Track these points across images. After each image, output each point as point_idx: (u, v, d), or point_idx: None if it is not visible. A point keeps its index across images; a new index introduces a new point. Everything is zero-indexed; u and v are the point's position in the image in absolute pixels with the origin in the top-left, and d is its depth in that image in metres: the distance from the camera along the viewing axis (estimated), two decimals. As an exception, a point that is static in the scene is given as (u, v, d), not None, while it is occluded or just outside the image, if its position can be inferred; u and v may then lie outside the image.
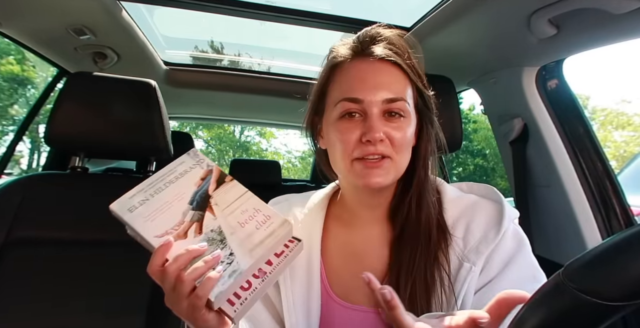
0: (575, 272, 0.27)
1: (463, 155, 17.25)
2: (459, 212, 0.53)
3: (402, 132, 0.50)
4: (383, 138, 0.49)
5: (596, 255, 0.27)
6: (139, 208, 0.44)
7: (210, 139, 16.56)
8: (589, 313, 0.25)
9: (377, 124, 0.49)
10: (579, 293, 0.25)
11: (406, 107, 0.51)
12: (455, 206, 0.54)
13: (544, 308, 0.28)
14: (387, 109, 0.50)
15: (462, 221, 0.52)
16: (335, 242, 0.58)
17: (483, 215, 0.52)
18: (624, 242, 0.26)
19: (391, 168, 0.51)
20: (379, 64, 0.51)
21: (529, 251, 0.50)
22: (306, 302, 0.54)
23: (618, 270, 0.25)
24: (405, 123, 0.51)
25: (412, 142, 0.53)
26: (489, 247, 0.48)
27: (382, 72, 0.51)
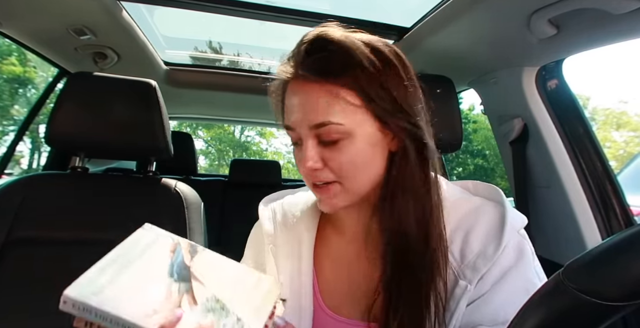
0: (575, 272, 0.27)
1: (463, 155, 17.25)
2: (459, 220, 0.48)
3: (342, 156, 0.45)
4: (318, 166, 0.46)
5: (596, 255, 0.27)
6: (107, 289, 0.36)
7: (210, 139, 16.55)
8: (589, 313, 0.25)
9: (308, 154, 0.45)
10: (578, 293, 0.25)
11: (339, 129, 0.44)
12: (455, 212, 0.48)
13: (544, 309, 0.28)
14: (317, 134, 0.45)
15: (461, 231, 0.47)
16: (329, 250, 0.55)
17: (484, 224, 0.46)
18: (624, 242, 0.26)
19: (340, 194, 0.47)
20: (310, 84, 0.44)
21: (528, 264, 0.45)
22: (297, 314, 0.51)
23: (618, 270, 0.25)
24: (345, 145, 0.44)
25: (370, 157, 0.46)
26: (487, 264, 0.44)
27: (309, 94, 0.44)
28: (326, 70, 0.44)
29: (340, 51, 0.44)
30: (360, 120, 0.45)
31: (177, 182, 1.01)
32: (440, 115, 1.02)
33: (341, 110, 0.44)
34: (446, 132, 0.99)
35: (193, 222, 0.94)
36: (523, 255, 0.45)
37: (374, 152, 0.46)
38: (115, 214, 0.93)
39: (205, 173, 2.42)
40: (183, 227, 0.92)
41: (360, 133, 0.45)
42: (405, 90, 0.46)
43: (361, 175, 0.46)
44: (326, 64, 0.44)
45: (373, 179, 0.47)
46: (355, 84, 0.44)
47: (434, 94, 0.51)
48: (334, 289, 0.53)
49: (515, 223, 0.47)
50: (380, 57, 0.45)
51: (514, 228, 0.46)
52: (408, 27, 1.16)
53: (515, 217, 0.47)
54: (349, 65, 0.43)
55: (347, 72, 0.43)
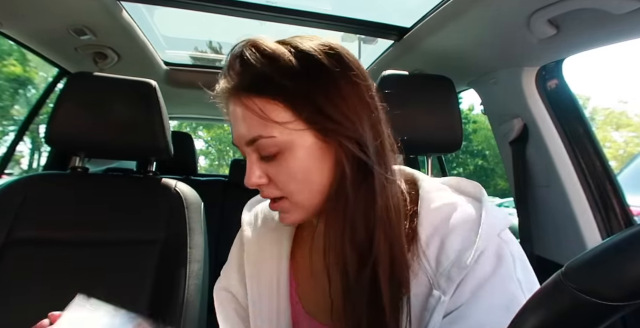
0: (574, 272, 0.27)
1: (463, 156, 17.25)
2: (436, 224, 0.44)
3: (282, 170, 0.44)
4: (262, 182, 0.45)
5: (596, 255, 0.27)
6: None
7: (211, 139, 16.55)
8: (589, 313, 0.25)
9: (249, 170, 0.45)
10: (578, 293, 0.25)
11: (272, 143, 0.42)
12: (433, 215, 0.44)
13: (544, 309, 0.28)
14: (256, 149, 0.44)
15: (437, 236, 0.43)
16: (305, 254, 0.54)
17: (461, 228, 0.43)
18: (623, 242, 0.26)
19: (291, 209, 0.46)
20: (240, 98, 0.43)
21: (508, 273, 0.40)
22: (275, 317, 0.51)
23: (618, 270, 0.25)
24: (283, 159, 0.43)
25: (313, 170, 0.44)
26: (462, 273, 0.40)
27: (238, 110, 0.44)
28: (253, 83, 0.43)
29: (268, 62, 0.42)
30: (296, 132, 0.42)
31: (177, 182, 1.01)
32: (440, 115, 1.02)
33: (272, 124, 0.42)
34: (446, 132, 1.00)
35: (193, 222, 0.94)
36: (502, 263, 0.41)
37: (316, 164, 0.44)
38: (115, 214, 0.93)
39: (205, 173, 2.42)
40: (183, 227, 0.93)
41: (299, 145, 0.43)
42: (344, 97, 0.43)
43: (306, 188, 0.44)
44: (252, 76, 0.43)
45: (321, 191, 0.44)
46: (283, 96, 0.42)
47: (433, 94, 0.50)
48: (311, 294, 0.52)
49: (496, 226, 0.43)
50: (312, 65, 0.43)
51: (492, 232, 0.42)
52: (408, 27, 1.16)
53: (496, 219, 0.43)
54: (274, 77, 0.42)
55: (274, 85, 0.42)
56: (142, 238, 0.91)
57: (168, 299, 0.83)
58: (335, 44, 0.45)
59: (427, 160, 1.12)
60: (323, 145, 0.43)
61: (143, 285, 0.86)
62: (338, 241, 0.43)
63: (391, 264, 0.42)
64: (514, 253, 0.42)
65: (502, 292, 0.39)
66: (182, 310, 0.82)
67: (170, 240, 0.91)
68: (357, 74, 0.45)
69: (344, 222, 0.43)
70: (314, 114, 0.42)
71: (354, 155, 0.43)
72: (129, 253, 0.89)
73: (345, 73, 0.44)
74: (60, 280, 0.84)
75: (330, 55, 0.44)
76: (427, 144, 1.01)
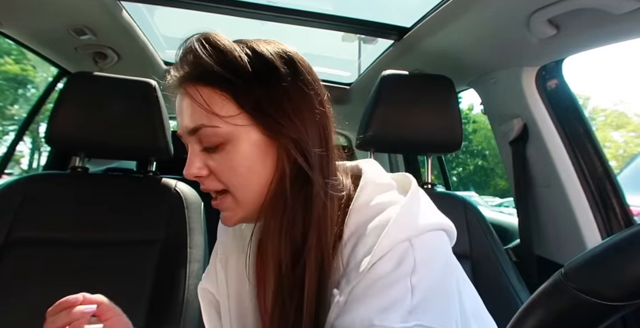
0: (574, 272, 0.27)
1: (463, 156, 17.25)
2: (358, 225, 0.43)
3: (224, 162, 0.43)
4: (201, 173, 0.44)
5: (596, 255, 0.27)
6: None
7: (210, 138, 16.53)
8: (589, 313, 0.25)
9: (189, 160, 0.44)
10: (578, 293, 0.25)
11: (215, 133, 0.42)
12: (358, 216, 0.43)
13: (544, 308, 0.28)
14: (198, 140, 0.44)
15: (354, 238, 0.42)
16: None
17: (376, 230, 0.41)
18: (623, 242, 0.26)
19: (233, 206, 0.45)
20: (186, 87, 0.44)
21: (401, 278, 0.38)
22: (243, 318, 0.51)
23: (618, 270, 0.25)
24: (225, 150, 0.43)
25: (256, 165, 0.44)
26: (358, 277, 0.39)
27: (184, 99, 0.44)
28: (201, 74, 0.43)
29: (217, 55, 0.43)
30: (242, 125, 0.43)
31: (177, 182, 1.01)
32: (440, 115, 1.02)
33: (217, 115, 0.42)
34: (446, 132, 1.00)
35: (193, 221, 0.94)
36: (400, 266, 0.38)
37: (259, 160, 0.44)
38: (115, 214, 0.93)
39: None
40: (183, 227, 0.93)
41: (244, 138, 0.43)
42: (288, 100, 0.43)
43: (249, 183, 0.44)
44: (200, 67, 0.43)
45: (262, 188, 0.44)
46: (231, 89, 0.42)
47: (433, 94, 0.50)
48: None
49: (407, 230, 0.40)
50: (262, 64, 0.43)
51: (399, 237, 0.39)
52: (408, 27, 1.16)
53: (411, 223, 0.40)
54: (223, 68, 0.42)
55: (219, 77, 0.42)
56: (142, 238, 0.91)
57: (168, 299, 0.83)
58: (291, 50, 0.47)
59: (427, 160, 1.12)
60: (268, 142, 0.44)
61: (143, 285, 0.86)
62: (275, 240, 0.43)
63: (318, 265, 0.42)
64: (417, 260, 0.39)
65: (387, 293, 0.38)
66: (182, 310, 0.82)
67: (170, 240, 0.91)
68: (306, 80, 0.45)
69: (282, 223, 0.43)
70: (256, 110, 0.43)
71: (293, 156, 0.43)
72: (129, 253, 0.89)
73: (295, 78, 0.44)
74: (60, 280, 0.84)
75: (283, 59, 0.45)
76: (427, 144, 1.01)
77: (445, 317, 0.39)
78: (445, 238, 0.43)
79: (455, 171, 17.86)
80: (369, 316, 0.36)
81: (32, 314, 0.83)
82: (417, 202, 0.44)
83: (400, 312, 0.36)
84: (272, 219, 0.44)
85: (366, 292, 0.38)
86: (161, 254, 0.89)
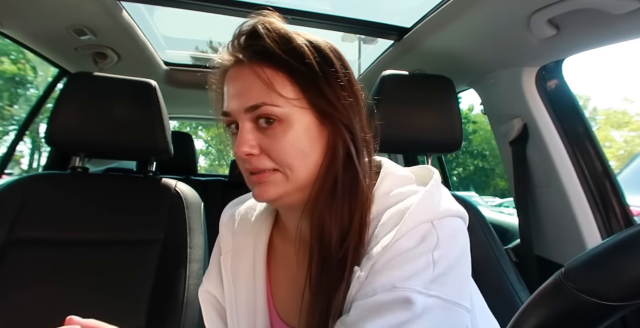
0: (575, 272, 0.27)
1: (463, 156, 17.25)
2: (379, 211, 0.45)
3: (278, 141, 0.44)
4: (253, 152, 0.45)
5: (596, 256, 0.27)
6: None
7: (211, 139, 16.54)
8: (589, 313, 0.25)
9: (243, 137, 0.45)
10: (578, 293, 0.25)
11: (273, 111, 0.44)
12: (379, 203, 0.46)
13: (544, 308, 0.28)
14: (254, 118, 0.45)
15: (375, 222, 0.45)
16: (278, 256, 0.54)
17: (396, 215, 0.43)
18: (623, 243, 0.26)
19: (280, 182, 0.46)
20: (246, 68, 0.45)
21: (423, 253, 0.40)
22: (252, 323, 0.51)
23: (618, 271, 0.25)
24: (279, 129, 0.44)
25: (307, 147, 0.45)
26: (379, 253, 0.41)
27: (245, 77, 0.45)
28: (264, 55, 0.45)
29: (280, 39, 0.45)
30: (298, 108, 0.45)
31: (177, 182, 1.01)
32: (440, 115, 1.02)
33: (277, 95, 0.44)
34: (446, 132, 1.00)
35: (193, 221, 0.94)
36: (422, 243, 0.41)
37: (311, 141, 0.46)
38: (115, 214, 0.93)
39: (205, 174, 2.42)
40: (183, 227, 0.93)
41: (297, 121, 0.45)
42: (341, 89, 0.46)
43: (299, 164, 0.45)
44: (265, 49, 0.45)
45: (312, 171, 0.46)
46: (292, 72, 0.45)
47: (433, 94, 0.51)
48: (285, 297, 0.52)
49: (429, 213, 0.42)
50: (318, 52, 0.46)
51: (421, 218, 0.42)
52: (408, 27, 1.16)
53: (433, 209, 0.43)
54: (286, 53, 0.44)
55: (285, 60, 0.44)
56: (142, 238, 0.91)
57: (168, 299, 0.83)
58: (334, 45, 0.49)
59: (427, 160, 1.12)
60: (320, 126, 0.46)
61: (143, 285, 0.86)
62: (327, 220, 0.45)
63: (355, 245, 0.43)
64: (440, 237, 0.41)
65: (407, 266, 0.39)
66: (182, 310, 0.82)
67: (170, 240, 0.91)
68: (351, 73, 0.49)
69: (332, 204, 0.45)
70: (316, 96, 0.45)
71: (345, 141, 0.45)
72: (129, 253, 0.89)
73: (345, 69, 0.48)
74: (60, 280, 0.84)
75: (333, 52, 0.48)
76: (427, 144, 1.01)
77: (462, 295, 0.41)
78: (463, 225, 0.46)
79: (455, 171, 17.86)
80: (390, 281, 0.38)
81: (32, 314, 0.83)
82: (439, 190, 0.46)
83: (422, 280, 0.38)
84: (324, 200, 0.45)
85: (387, 265, 0.40)
86: (161, 254, 0.89)
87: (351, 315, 0.39)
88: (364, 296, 0.39)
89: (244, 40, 0.47)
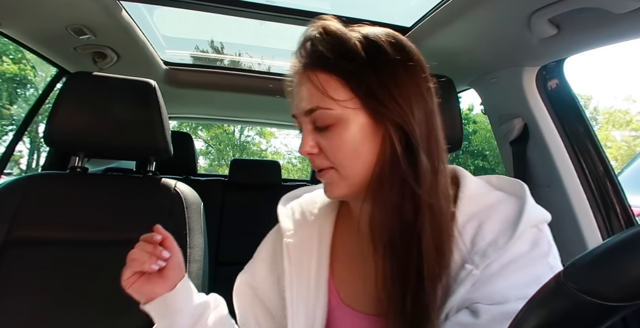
0: (575, 272, 0.27)
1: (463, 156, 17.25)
2: (475, 211, 0.48)
3: (333, 141, 0.47)
4: (313, 151, 0.49)
5: (597, 256, 0.26)
6: None
7: (210, 139, 16.55)
8: (589, 313, 0.25)
9: (303, 139, 0.49)
10: (579, 294, 0.25)
11: (328, 114, 0.47)
12: (472, 204, 0.49)
13: (544, 309, 0.28)
14: (312, 120, 0.49)
15: (475, 221, 0.47)
16: (344, 246, 0.57)
17: (500, 216, 0.47)
18: (624, 242, 0.26)
19: (337, 180, 0.49)
20: (307, 73, 0.49)
21: (540, 257, 0.44)
22: (312, 307, 0.53)
23: (619, 271, 0.25)
24: (335, 130, 0.47)
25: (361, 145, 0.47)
26: (497, 252, 0.44)
27: (304, 83, 0.49)
28: (319, 61, 0.48)
29: (333, 43, 0.47)
30: (352, 109, 0.47)
31: (177, 182, 1.01)
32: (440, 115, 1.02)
33: (331, 98, 0.46)
34: (446, 132, 1.00)
35: (193, 222, 0.94)
36: (537, 247, 0.45)
37: (366, 140, 0.47)
38: (114, 214, 0.93)
39: (205, 174, 2.42)
40: (183, 227, 0.92)
41: (353, 120, 0.47)
42: (399, 84, 0.47)
43: (353, 162, 0.48)
44: (319, 55, 0.48)
45: (367, 168, 0.48)
46: (343, 75, 0.46)
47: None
48: (349, 284, 0.54)
49: (534, 219, 0.46)
50: (373, 48, 0.47)
51: (530, 223, 0.45)
52: (408, 27, 1.16)
53: (536, 213, 0.47)
54: (338, 56, 0.46)
55: (338, 63, 0.46)
56: (141, 239, 0.91)
57: (167, 299, 0.83)
58: (399, 35, 0.50)
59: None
60: (374, 124, 0.47)
61: (142, 285, 0.85)
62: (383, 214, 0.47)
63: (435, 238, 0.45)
64: (550, 244, 0.46)
65: (529, 270, 0.43)
66: (182, 311, 0.81)
67: (169, 240, 0.91)
68: (415, 66, 0.49)
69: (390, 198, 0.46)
70: (367, 96, 0.46)
71: (399, 138, 0.46)
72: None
73: (405, 62, 0.48)
74: (59, 280, 0.84)
75: (393, 44, 0.48)
76: (427, 144, 1.01)
77: None
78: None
79: (455, 171, 17.79)
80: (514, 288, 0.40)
81: (31, 314, 0.83)
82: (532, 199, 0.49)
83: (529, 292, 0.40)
84: (380, 195, 0.47)
85: (506, 267, 0.43)
86: (160, 254, 0.89)
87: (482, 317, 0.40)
88: (490, 300, 0.41)
89: (303, 48, 0.50)
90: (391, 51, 0.47)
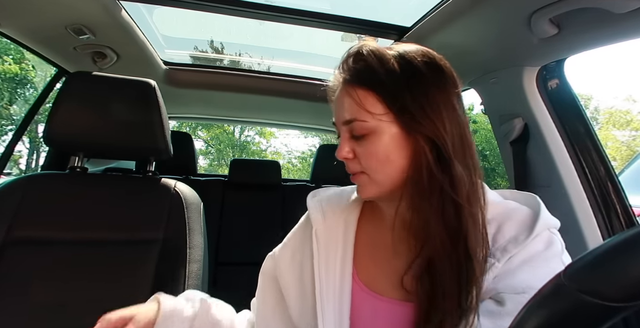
0: (576, 272, 0.27)
1: (463, 155, 17.23)
2: (494, 215, 0.54)
3: (367, 149, 0.53)
4: (349, 156, 0.54)
5: (597, 256, 0.26)
6: None
7: (210, 139, 16.55)
8: (590, 314, 0.25)
9: (341, 145, 0.55)
10: (580, 294, 0.25)
11: (364, 126, 0.52)
12: (492, 208, 0.54)
13: (545, 309, 0.28)
14: (350, 129, 0.54)
15: (494, 223, 0.53)
16: (368, 236, 0.62)
17: (517, 219, 0.53)
18: (625, 243, 0.26)
19: (368, 184, 0.55)
20: (347, 87, 0.54)
21: (556, 255, 0.50)
22: (339, 292, 0.57)
23: (619, 271, 0.25)
24: (370, 140, 0.52)
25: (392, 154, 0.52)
26: (517, 247, 0.49)
27: (344, 96, 0.54)
28: (357, 78, 0.53)
29: (370, 62, 0.52)
30: (386, 122, 0.52)
31: (177, 182, 1.01)
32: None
33: (367, 111, 0.52)
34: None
35: (193, 222, 0.94)
36: (552, 246, 0.51)
37: (397, 150, 0.52)
38: (114, 214, 0.93)
39: (205, 174, 2.42)
40: (183, 227, 0.92)
41: (386, 132, 0.52)
42: (431, 102, 0.51)
43: (383, 168, 0.53)
44: (358, 72, 0.53)
45: (396, 174, 0.53)
46: (380, 91, 0.51)
47: None
48: (373, 271, 0.59)
49: (548, 223, 0.53)
50: (407, 67, 0.51)
51: (545, 226, 0.52)
52: (408, 27, 1.16)
53: (550, 218, 0.53)
54: (375, 74, 0.52)
55: (373, 81, 0.52)
56: (141, 239, 0.91)
57: (167, 299, 0.83)
58: (433, 53, 0.55)
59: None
60: (406, 136, 0.52)
61: (142, 285, 0.85)
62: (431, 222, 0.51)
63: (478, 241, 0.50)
64: (562, 245, 0.52)
65: (546, 266, 0.48)
66: (181, 311, 0.81)
67: (169, 240, 0.91)
68: (447, 81, 0.53)
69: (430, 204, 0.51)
70: (400, 111, 0.51)
71: (430, 150, 0.51)
72: (128, 253, 0.89)
73: (437, 79, 0.52)
74: (59, 280, 0.84)
75: (427, 64, 0.53)
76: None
77: None
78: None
79: (455, 171, 17.75)
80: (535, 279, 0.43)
81: (31, 313, 0.83)
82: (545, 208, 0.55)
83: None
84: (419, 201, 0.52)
85: (526, 262, 0.49)
86: (160, 254, 0.89)
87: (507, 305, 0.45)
88: (514, 290, 0.46)
89: (345, 63, 0.56)
90: (425, 70, 0.52)
